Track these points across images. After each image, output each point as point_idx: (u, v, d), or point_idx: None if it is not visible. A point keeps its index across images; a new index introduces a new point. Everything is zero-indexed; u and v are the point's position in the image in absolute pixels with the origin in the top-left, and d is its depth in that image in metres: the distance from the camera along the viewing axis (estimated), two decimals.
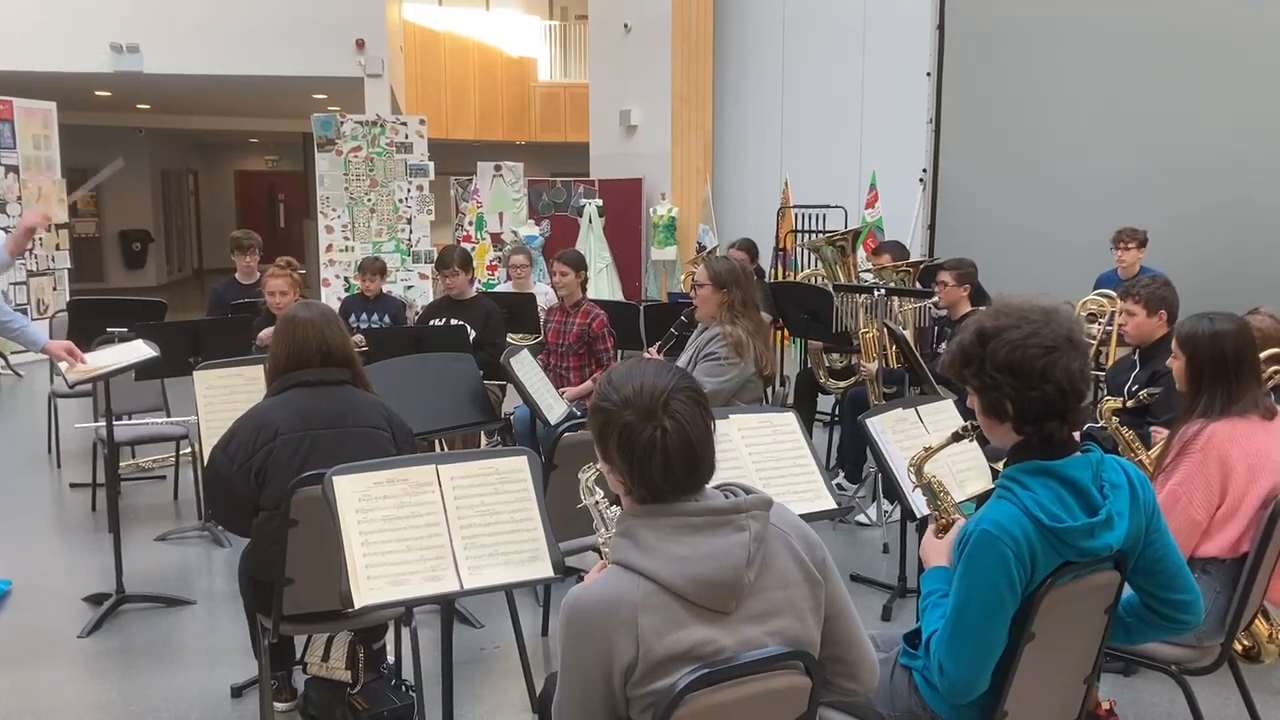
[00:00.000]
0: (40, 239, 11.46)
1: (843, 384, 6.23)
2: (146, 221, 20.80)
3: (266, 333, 5.19)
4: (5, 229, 10.62)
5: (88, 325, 6.12)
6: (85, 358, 4.25)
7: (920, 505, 2.99)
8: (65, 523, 5.77)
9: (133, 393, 5.66)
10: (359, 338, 5.79)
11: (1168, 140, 7.87)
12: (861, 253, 7.57)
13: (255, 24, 12.40)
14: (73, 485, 6.34)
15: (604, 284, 11.30)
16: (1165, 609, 2.33)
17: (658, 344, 5.04)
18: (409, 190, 10.96)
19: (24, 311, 11.10)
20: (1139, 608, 2.38)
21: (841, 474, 5.94)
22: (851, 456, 5.95)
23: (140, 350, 4.37)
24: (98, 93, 14.77)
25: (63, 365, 4.16)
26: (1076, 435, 2.24)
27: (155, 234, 21.00)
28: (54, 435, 6.95)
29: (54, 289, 11.75)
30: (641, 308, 7.03)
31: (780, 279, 9.12)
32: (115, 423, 4.72)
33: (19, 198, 11.11)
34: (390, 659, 3.57)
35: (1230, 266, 7.30)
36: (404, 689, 3.45)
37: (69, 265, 12.11)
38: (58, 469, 6.76)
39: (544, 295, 7.31)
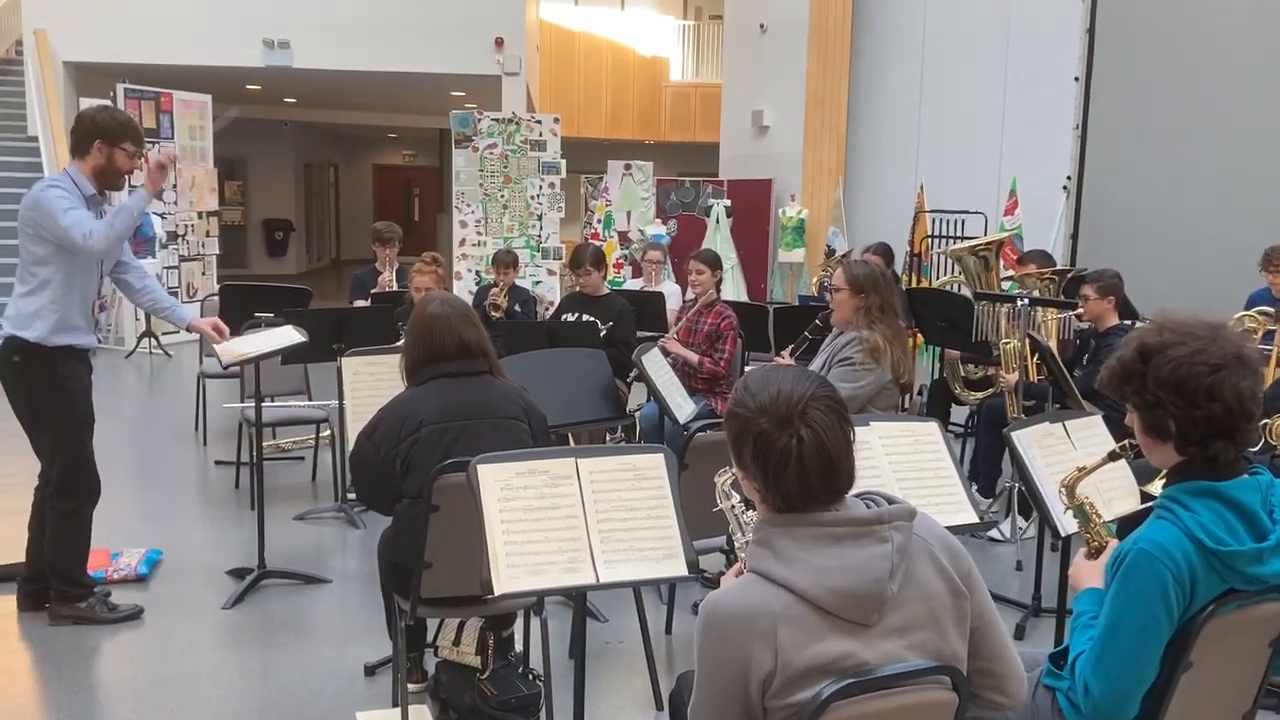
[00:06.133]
0: (191, 225, 12.00)
1: (978, 395, 6.07)
2: (289, 211, 21.63)
3: None
4: (160, 214, 11.20)
5: (237, 309, 6.40)
6: (235, 340, 4.43)
7: (1068, 525, 2.89)
8: (210, 498, 6.02)
9: (277, 376, 5.87)
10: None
11: None
12: (1001, 262, 7.36)
13: (399, 22, 12.79)
14: (218, 462, 6.61)
15: (730, 285, 11.23)
16: None
17: (790, 347, 4.97)
18: (541, 187, 11.10)
19: (174, 295, 11.66)
20: None
21: (974, 487, 5.78)
22: (985, 470, 5.79)
23: (290, 335, 4.54)
24: (248, 86, 15.38)
25: (217, 347, 4.33)
26: None
27: (296, 223, 21.82)
28: (201, 414, 7.26)
29: (203, 274, 12.29)
30: (770, 310, 6.96)
31: (914, 285, 8.94)
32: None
33: (174, 185, 11.66)
34: (518, 648, 3.62)
35: None
36: (531, 678, 3.48)
37: (217, 251, 12.68)
38: (204, 446, 7.06)
39: (671, 295, 7.33)
